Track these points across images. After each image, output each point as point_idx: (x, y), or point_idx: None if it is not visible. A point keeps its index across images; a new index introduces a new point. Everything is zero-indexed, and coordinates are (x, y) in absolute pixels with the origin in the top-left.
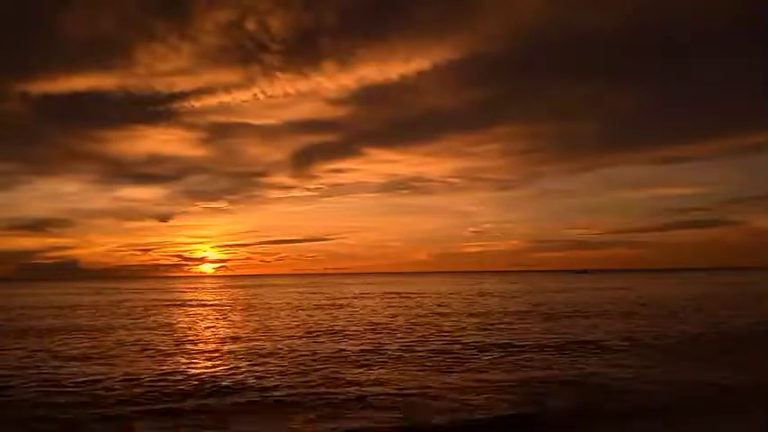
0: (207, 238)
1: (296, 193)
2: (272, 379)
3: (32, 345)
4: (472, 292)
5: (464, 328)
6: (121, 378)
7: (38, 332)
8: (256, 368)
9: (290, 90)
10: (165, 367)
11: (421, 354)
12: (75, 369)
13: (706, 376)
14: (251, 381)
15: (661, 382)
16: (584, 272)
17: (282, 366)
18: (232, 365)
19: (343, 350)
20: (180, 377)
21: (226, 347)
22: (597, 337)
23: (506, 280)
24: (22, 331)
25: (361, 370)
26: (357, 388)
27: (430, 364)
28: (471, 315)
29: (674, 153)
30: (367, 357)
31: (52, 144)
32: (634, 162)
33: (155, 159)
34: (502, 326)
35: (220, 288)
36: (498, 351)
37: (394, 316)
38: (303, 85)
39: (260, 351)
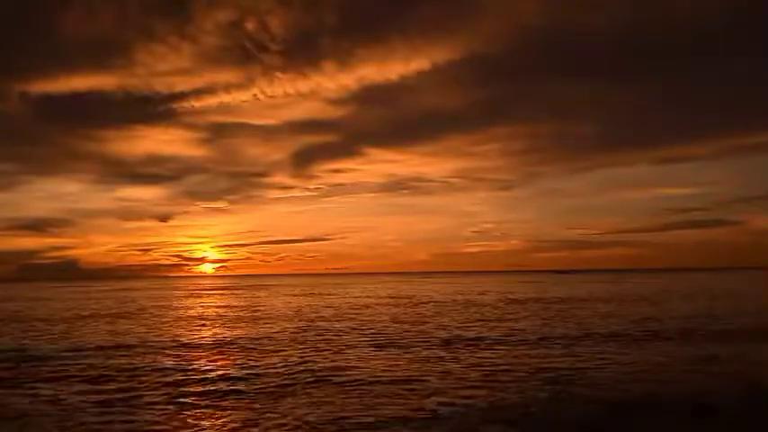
0: (207, 238)
1: (296, 193)
2: None
3: None
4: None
5: None
6: None
7: None
8: None
9: (290, 90)
10: None
11: None
12: None
13: None
14: None
15: None
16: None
17: None
18: None
19: None
20: None
21: None
22: None
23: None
24: None
25: None
26: None
27: None
28: None
29: (674, 153)
30: None
31: (52, 144)
32: (634, 162)
33: (155, 159)
34: None
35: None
36: None
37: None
38: (303, 85)
39: None
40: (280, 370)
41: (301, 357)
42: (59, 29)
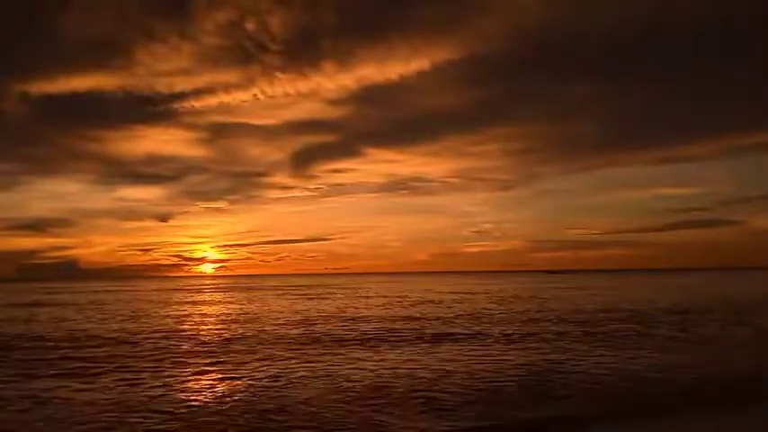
0: (207, 238)
1: (296, 193)
2: None
3: None
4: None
5: None
6: None
7: None
8: None
9: (290, 90)
10: None
11: None
12: None
13: None
14: None
15: None
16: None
17: None
18: None
19: None
20: None
21: None
22: None
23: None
24: None
25: None
26: None
27: None
28: None
29: (674, 153)
30: None
31: (52, 144)
32: (634, 162)
33: (155, 159)
34: None
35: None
36: None
37: None
38: (303, 85)
39: None
40: None
41: None
42: (59, 29)
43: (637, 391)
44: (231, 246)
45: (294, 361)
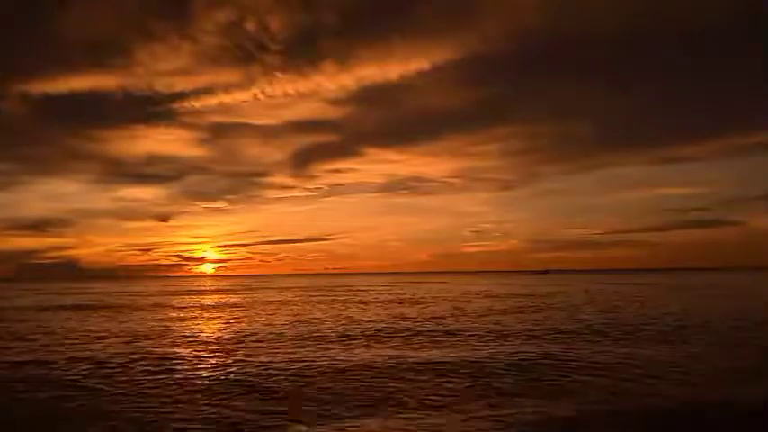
0: (207, 238)
1: (296, 193)
2: None
3: None
4: None
5: None
6: None
7: None
8: None
9: (290, 90)
10: None
11: None
12: None
13: None
14: None
15: None
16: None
17: None
18: None
19: None
20: None
21: None
22: None
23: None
24: None
25: None
26: None
27: None
28: None
29: (674, 153)
30: None
31: (52, 144)
32: (634, 162)
33: (155, 159)
34: None
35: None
36: None
37: None
38: (303, 85)
39: None
40: None
41: None
42: (59, 29)
43: None
44: (231, 246)
45: None
